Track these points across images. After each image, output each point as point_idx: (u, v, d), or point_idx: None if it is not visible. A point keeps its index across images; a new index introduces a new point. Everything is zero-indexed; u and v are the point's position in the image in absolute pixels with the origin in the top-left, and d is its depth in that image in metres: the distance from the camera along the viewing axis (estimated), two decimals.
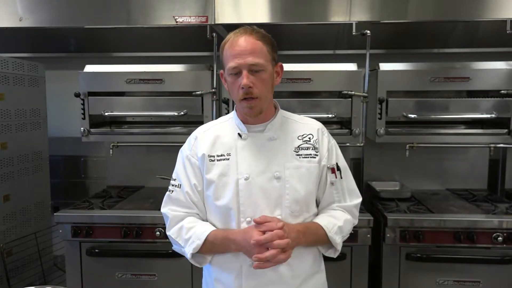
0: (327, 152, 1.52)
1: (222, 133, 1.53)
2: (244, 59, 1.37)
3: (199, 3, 2.43)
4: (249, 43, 1.39)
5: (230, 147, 1.49)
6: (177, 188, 1.53)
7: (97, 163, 3.33)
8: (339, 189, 1.53)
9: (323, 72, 2.54)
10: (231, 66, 1.39)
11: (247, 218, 1.44)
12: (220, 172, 1.46)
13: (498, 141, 2.63)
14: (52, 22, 2.54)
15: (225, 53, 1.42)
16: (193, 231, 1.46)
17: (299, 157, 1.49)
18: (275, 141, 1.49)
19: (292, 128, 1.53)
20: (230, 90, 1.45)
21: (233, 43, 1.40)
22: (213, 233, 1.43)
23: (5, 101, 2.73)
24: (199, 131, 1.58)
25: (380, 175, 2.97)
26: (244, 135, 1.49)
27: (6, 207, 2.74)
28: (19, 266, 2.78)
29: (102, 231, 2.40)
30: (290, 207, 1.45)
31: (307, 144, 1.51)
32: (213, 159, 1.48)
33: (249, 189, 1.44)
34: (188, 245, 1.45)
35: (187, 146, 1.56)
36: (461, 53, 3.10)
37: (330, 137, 1.57)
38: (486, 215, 2.36)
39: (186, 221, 1.49)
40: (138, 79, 2.61)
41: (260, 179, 1.44)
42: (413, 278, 2.37)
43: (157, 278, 2.43)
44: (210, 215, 1.51)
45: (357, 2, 2.40)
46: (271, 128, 1.50)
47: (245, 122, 1.50)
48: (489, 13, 2.38)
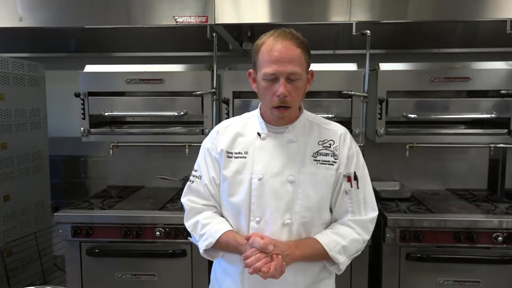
0: (346, 160, 1.48)
1: (243, 130, 1.53)
2: (284, 67, 1.35)
3: (199, 3, 2.43)
4: (290, 51, 1.36)
5: (248, 146, 1.49)
6: (198, 179, 1.55)
7: (97, 163, 3.33)
8: (353, 200, 1.48)
9: (323, 72, 2.53)
10: (268, 71, 1.36)
11: (256, 218, 1.44)
12: (235, 169, 1.47)
13: (498, 141, 2.63)
14: (52, 22, 2.54)
15: (261, 55, 1.39)
16: (208, 228, 1.47)
17: (317, 162, 1.46)
18: (294, 143, 1.47)
19: (314, 132, 1.51)
20: (262, 94, 1.43)
21: (273, 48, 1.36)
22: (226, 235, 1.44)
23: (5, 101, 2.72)
24: (221, 125, 1.58)
25: (380, 175, 2.97)
26: (263, 135, 1.49)
27: (6, 207, 2.74)
28: (19, 266, 2.78)
29: (102, 231, 2.40)
30: (301, 213, 1.44)
31: (327, 150, 1.48)
32: (230, 155, 1.49)
33: (262, 190, 1.44)
34: (202, 240, 1.47)
35: (209, 139, 1.57)
36: (461, 53, 3.10)
37: (353, 144, 1.52)
38: (486, 215, 2.36)
39: (203, 216, 1.51)
40: (138, 79, 2.61)
41: (273, 181, 1.44)
42: (413, 278, 2.37)
43: (157, 278, 2.43)
44: (223, 210, 1.53)
45: (357, 2, 2.40)
46: (292, 130, 1.48)
47: (268, 123, 1.49)
48: (489, 13, 2.38)
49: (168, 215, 2.41)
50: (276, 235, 1.42)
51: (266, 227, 1.43)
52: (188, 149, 2.76)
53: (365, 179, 1.52)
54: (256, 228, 1.44)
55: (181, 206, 2.59)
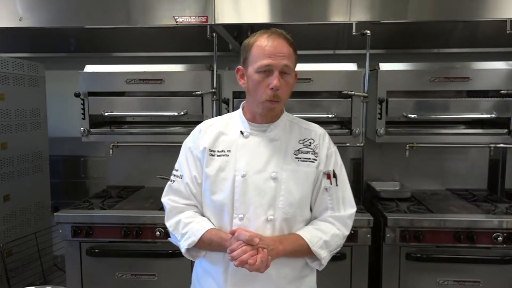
0: (326, 158, 1.53)
1: (226, 130, 1.54)
2: (279, 61, 1.40)
3: (199, 3, 2.43)
4: (284, 47, 1.42)
5: (231, 144, 1.51)
6: (179, 178, 1.55)
7: (97, 163, 3.33)
8: (333, 197, 1.52)
9: (323, 72, 2.54)
10: (263, 63, 1.39)
11: (239, 215, 1.45)
12: (218, 167, 1.48)
13: (498, 141, 2.63)
14: (52, 22, 2.54)
15: (255, 50, 1.43)
16: (190, 227, 1.47)
17: (298, 160, 1.50)
18: (276, 142, 1.50)
19: (294, 132, 1.55)
20: (253, 88, 1.44)
21: (267, 43, 1.41)
22: (208, 232, 1.45)
23: (5, 101, 2.73)
24: (204, 124, 1.59)
25: (380, 175, 2.97)
26: (246, 133, 1.51)
27: (6, 207, 2.74)
28: (19, 266, 2.78)
29: (102, 231, 2.40)
30: (284, 209, 1.46)
31: (308, 148, 1.52)
32: (213, 154, 1.51)
33: (245, 187, 1.45)
34: (184, 239, 1.47)
35: (191, 138, 1.58)
36: (461, 53, 3.10)
37: (331, 144, 1.58)
38: (486, 215, 2.36)
39: (184, 216, 1.51)
40: (138, 79, 2.61)
41: (256, 178, 1.46)
42: (413, 278, 2.37)
43: (157, 278, 2.43)
44: (205, 209, 1.53)
45: (357, 2, 2.40)
46: (273, 129, 1.51)
47: (252, 121, 1.52)
48: (489, 13, 2.38)
49: None
50: (259, 231, 1.43)
51: (250, 224, 1.44)
52: None
53: (343, 177, 1.57)
54: (239, 225, 1.45)
55: None
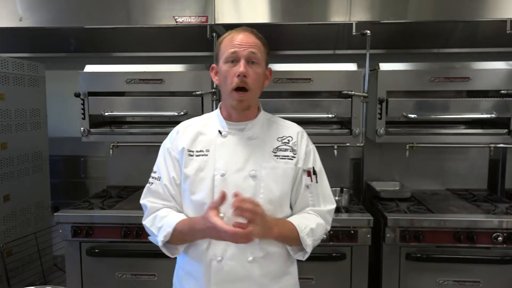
0: (304, 155, 1.54)
1: (204, 129, 1.55)
2: (245, 49, 1.42)
3: (199, 3, 2.43)
4: (250, 38, 1.45)
5: (209, 144, 1.51)
6: (157, 180, 1.56)
7: (97, 163, 3.33)
8: (314, 193, 1.54)
9: (323, 72, 2.54)
10: (230, 51, 1.42)
11: (220, 214, 1.43)
12: (197, 167, 1.49)
13: (498, 141, 2.63)
14: (52, 22, 2.54)
15: (223, 45, 1.46)
16: (166, 220, 1.48)
17: (277, 158, 1.50)
18: (254, 140, 1.51)
19: (272, 130, 1.55)
20: (222, 80, 1.46)
21: (234, 37, 1.44)
22: (181, 222, 1.45)
23: (5, 101, 2.73)
24: (182, 125, 1.59)
25: (380, 175, 2.97)
26: (224, 133, 1.51)
27: (6, 207, 2.74)
28: (19, 266, 2.78)
29: (102, 231, 2.40)
30: (264, 206, 1.44)
31: (286, 145, 1.53)
32: (192, 154, 1.51)
33: (224, 186, 1.45)
34: (160, 233, 1.47)
35: (169, 140, 1.59)
36: (461, 53, 3.10)
37: (309, 142, 1.59)
38: (486, 215, 2.36)
39: (161, 211, 1.52)
40: (138, 79, 2.61)
41: (236, 177, 1.46)
42: (413, 278, 2.37)
43: (157, 278, 2.43)
44: (186, 209, 1.53)
45: (357, 2, 2.40)
46: (251, 128, 1.52)
47: (228, 119, 1.52)
48: (489, 13, 2.38)
49: None
50: None
51: (230, 222, 1.42)
52: None
53: (322, 174, 1.59)
54: None
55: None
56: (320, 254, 2.33)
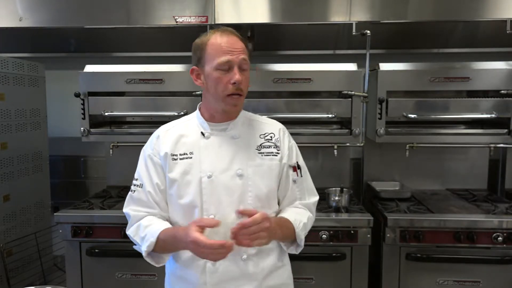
0: (288, 151, 1.55)
1: (185, 132, 1.53)
2: (237, 56, 1.41)
3: (199, 3, 2.43)
4: (239, 42, 1.44)
5: (193, 146, 1.50)
6: (139, 188, 1.54)
7: (97, 163, 3.33)
8: (300, 187, 1.57)
9: (323, 72, 2.54)
10: (223, 60, 1.40)
11: (210, 216, 1.44)
12: (183, 171, 1.47)
13: (498, 141, 2.63)
14: (52, 22, 2.55)
15: (210, 49, 1.43)
16: (149, 229, 1.46)
17: (261, 155, 1.51)
18: (238, 139, 1.51)
19: (254, 127, 1.56)
20: (213, 86, 1.44)
21: (222, 39, 1.42)
22: (164, 231, 1.43)
23: (5, 101, 2.73)
24: (161, 130, 1.58)
25: (380, 175, 2.97)
26: (207, 134, 1.51)
27: (6, 207, 2.74)
28: (19, 266, 2.78)
29: (102, 231, 2.40)
30: (253, 204, 1.46)
31: (269, 142, 1.54)
32: (175, 157, 1.49)
33: (213, 187, 1.45)
34: (144, 243, 1.45)
35: (149, 145, 1.57)
36: (461, 53, 3.10)
37: (290, 137, 1.61)
38: (486, 215, 2.36)
39: (144, 220, 1.50)
40: (138, 79, 2.61)
41: (223, 177, 1.46)
42: (413, 278, 2.37)
43: (157, 278, 2.43)
44: (174, 214, 1.51)
45: (357, 2, 2.40)
46: (233, 127, 1.52)
47: (211, 121, 1.52)
48: (489, 13, 2.38)
49: None
50: None
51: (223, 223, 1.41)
52: None
53: (305, 168, 1.61)
54: None
55: None
56: (320, 254, 2.34)
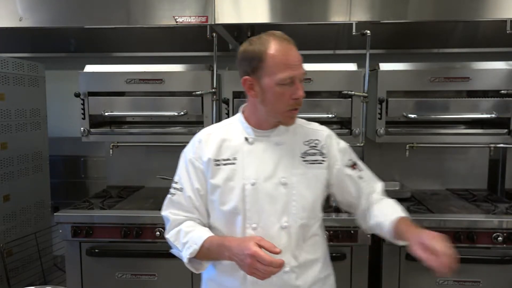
0: (340, 154, 1.53)
1: (228, 136, 1.49)
2: (299, 70, 1.39)
3: (199, 3, 2.43)
4: (298, 54, 1.41)
5: (236, 151, 1.46)
6: (179, 191, 1.50)
7: (97, 163, 3.33)
8: (367, 180, 1.58)
9: (323, 72, 2.54)
10: (286, 76, 1.35)
11: (252, 224, 1.42)
12: (226, 177, 1.44)
13: (498, 141, 2.63)
14: (52, 22, 2.54)
15: (271, 60, 1.35)
16: (191, 235, 1.43)
17: (306, 163, 1.47)
18: (282, 146, 1.47)
19: (299, 133, 1.51)
20: (273, 100, 1.39)
21: (285, 53, 1.37)
22: (209, 239, 1.40)
23: (5, 101, 2.72)
24: (203, 133, 1.53)
25: (380, 175, 2.93)
26: (251, 139, 1.47)
27: (6, 207, 2.74)
28: (19, 266, 2.78)
29: (102, 231, 2.40)
30: (297, 214, 1.43)
31: (314, 149, 1.50)
32: (218, 163, 1.46)
33: (256, 195, 1.42)
34: (185, 249, 1.42)
35: (191, 149, 1.52)
36: (461, 53, 3.10)
37: (339, 140, 1.59)
38: (486, 215, 2.36)
39: (185, 225, 1.47)
40: (138, 79, 2.61)
41: (267, 185, 1.42)
42: (413, 278, 2.37)
43: (157, 278, 2.43)
44: (215, 220, 1.49)
45: (357, 2, 2.40)
46: (278, 133, 1.48)
47: (257, 127, 1.47)
48: (489, 13, 2.38)
49: None
50: (274, 239, 1.39)
51: (264, 232, 1.41)
52: None
53: (359, 161, 1.61)
54: (252, 235, 1.41)
55: None
56: None
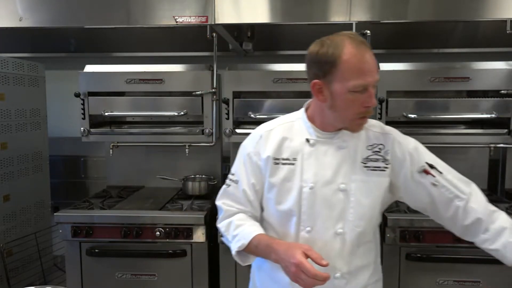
0: (409, 157, 1.43)
1: (289, 135, 1.46)
2: (373, 78, 1.32)
3: (199, 3, 2.43)
4: (373, 59, 1.34)
5: (296, 152, 1.43)
6: (234, 183, 1.50)
7: (97, 163, 3.33)
8: (448, 185, 1.40)
9: None
10: (359, 83, 1.29)
11: (306, 228, 1.40)
12: (283, 177, 1.42)
13: (498, 141, 2.63)
14: (52, 22, 2.54)
15: (344, 66, 1.30)
16: (241, 229, 1.42)
17: (367, 169, 1.41)
18: (344, 149, 1.42)
19: (362, 137, 1.44)
20: (344, 107, 1.33)
21: (361, 58, 1.30)
22: (258, 237, 1.38)
23: (5, 101, 2.72)
24: (263, 129, 1.50)
25: None
26: (312, 141, 1.43)
27: (6, 207, 2.74)
28: (19, 266, 2.78)
29: (102, 231, 2.40)
30: (354, 222, 1.39)
31: (377, 155, 1.43)
32: (277, 162, 1.43)
33: (313, 199, 1.39)
34: (235, 242, 1.42)
35: (250, 144, 1.50)
36: (461, 53, 3.10)
37: (407, 140, 1.47)
38: None
39: (236, 218, 1.47)
40: (138, 79, 2.61)
41: (325, 190, 1.39)
42: (413, 278, 2.37)
43: (157, 278, 2.43)
44: (270, 216, 1.48)
45: (357, 2, 2.40)
46: (341, 136, 1.42)
47: (321, 129, 1.43)
48: (489, 13, 2.38)
49: (168, 215, 2.41)
50: (328, 244, 1.38)
51: (318, 237, 1.39)
52: (188, 149, 2.76)
53: (440, 163, 1.46)
54: (307, 238, 1.40)
55: (181, 206, 2.60)
56: None
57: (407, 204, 1.51)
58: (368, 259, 1.48)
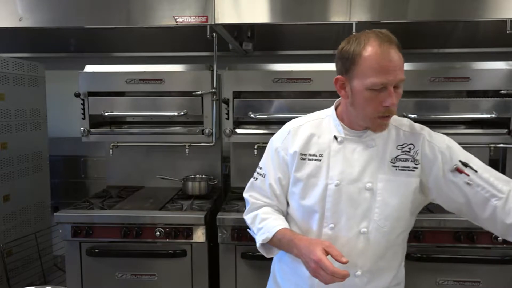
0: (440, 156, 1.37)
1: (317, 131, 1.46)
2: (394, 76, 1.27)
3: (199, 3, 2.43)
4: (399, 57, 1.29)
5: (323, 148, 1.43)
6: (262, 177, 1.53)
7: (97, 163, 3.33)
8: (484, 184, 1.33)
9: (323, 72, 2.54)
10: (377, 81, 1.27)
11: (330, 224, 1.40)
12: (309, 172, 1.43)
13: (498, 141, 2.63)
14: (52, 22, 2.54)
15: (365, 63, 1.28)
16: (266, 222, 1.45)
17: (396, 169, 1.38)
18: (373, 148, 1.40)
19: (392, 136, 1.42)
20: (362, 105, 1.33)
21: (382, 56, 1.27)
22: (282, 231, 1.40)
23: (5, 101, 2.73)
24: (292, 125, 1.52)
25: None
26: (340, 139, 1.42)
27: (6, 207, 2.74)
28: (19, 266, 2.78)
29: (102, 231, 2.40)
30: (379, 222, 1.38)
31: (406, 155, 1.39)
32: (304, 157, 1.44)
33: (338, 197, 1.38)
34: (259, 234, 1.45)
35: (279, 138, 1.52)
36: (461, 53, 3.10)
37: (440, 139, 1.42)
38: None
39: (262, 211, 1.50)
40: (138, 79, 2.61)
41: (350, 188, 1.38)
42: (413, 278, 2.36)
43: (157, 278, 2.43)
44: (294, 211, 1.49)
45: (357, 2, 2.40)
46: (370, 134, 1.40)
47: (349, 126, 1.42)
48: (489, 13, 2.38)
49: (168, 215, 2.41)
50: (351, 243, 1.38)
51: (341, 234, 1.39)
52: (188, 149, 2.76)
53: (475, 161, 1.40)
54: (329, 235, 1.40)
55: (181, 206, 2.60)
56: None
57: (442, 206, 1.45)
58: (393, 262, 1.47)
